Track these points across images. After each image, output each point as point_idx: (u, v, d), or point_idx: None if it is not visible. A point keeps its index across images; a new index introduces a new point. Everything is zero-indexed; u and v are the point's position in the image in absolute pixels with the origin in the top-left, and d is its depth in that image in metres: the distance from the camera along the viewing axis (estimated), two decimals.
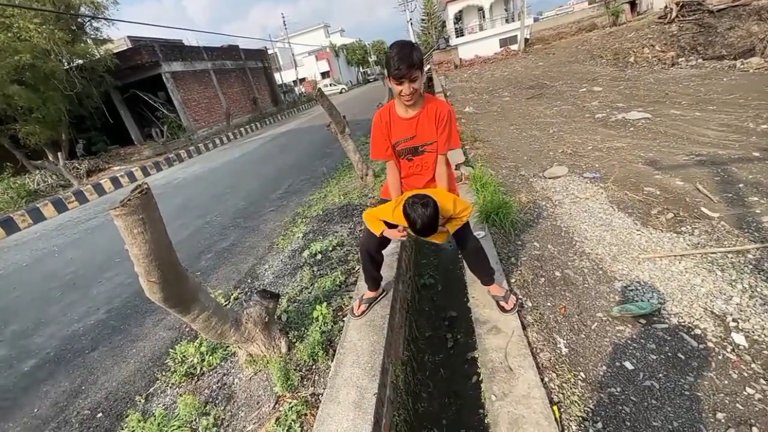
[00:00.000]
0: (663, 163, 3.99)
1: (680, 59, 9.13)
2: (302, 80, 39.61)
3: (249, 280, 3.36)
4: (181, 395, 2.13)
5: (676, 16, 11.64)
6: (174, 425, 1.92)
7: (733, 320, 1.97)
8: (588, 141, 5.15)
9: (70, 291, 4.02)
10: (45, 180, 10.35)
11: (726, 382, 1.67)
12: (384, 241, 2.13)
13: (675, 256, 2.54)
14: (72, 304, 3.72)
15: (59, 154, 10.74)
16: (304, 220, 4.38)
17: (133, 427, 1.98)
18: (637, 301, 2.19)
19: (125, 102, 15.56)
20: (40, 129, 10.38)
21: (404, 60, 1.68)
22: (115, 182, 9.83)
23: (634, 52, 11.07)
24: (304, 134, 11.88)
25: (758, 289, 2.12)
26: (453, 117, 1.96)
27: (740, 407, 1.56)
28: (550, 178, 4.11)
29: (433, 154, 1.98)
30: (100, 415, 2.22)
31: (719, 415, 1.54)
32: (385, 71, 1.82)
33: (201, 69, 17.44)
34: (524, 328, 2.06)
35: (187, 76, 16.27)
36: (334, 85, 35.91)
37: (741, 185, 3.22)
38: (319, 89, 4.67)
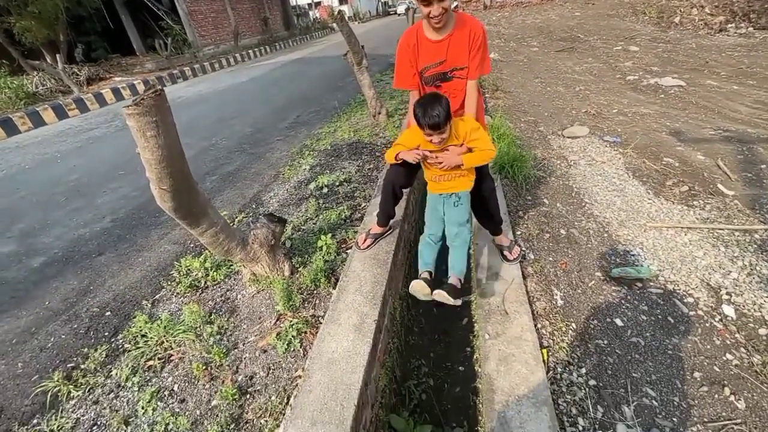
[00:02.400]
0: (688, 135, 3.84)
1: (729, 25, 8.41)
2: (317, 4, 36.66)
3: (254, 206, 3.37)
4: (186, 304, 2.22)
5: None
6: (179, 329, 2.03)
7: (727, 293, 2.01)
8: (614, 103, 4.91)
9: (75, 197, 4.04)
10: (44, 83, 9.93)
11: (708, 347, 1.75)
12: (409, 180, 2.09)
13: (682, 227, 2.54)
14: (77, 210, 3.76)
15: (57, 56, 10.17)
16: (311, 152, 4.29)
17: (140, 327, 2.09)
18: (636, 265, 2.23)
19: (127, 6, 14.48)
20: (36, 25, 9.74)
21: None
22: (117, 93, 9.46)
23: (680, 11, 10.17)
24: (316, 64, 11.26)
25: (757, 268, 2.15)
26: (486, 38, 1.81)
27: (717, 370, 1.65)
28: (568, 138, 3.98)
29: (463, 81, 1.86)
30: (108, 313, 2.33)
31: (696, 374, 1.63)
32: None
33: None
34: (524, 277, 2.11)
35: None
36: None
37: (763, 166, 3.13)
38: (340, 12, 4.32)
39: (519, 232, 2.54)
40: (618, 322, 1.89)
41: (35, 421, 1.69)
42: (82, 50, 12.20)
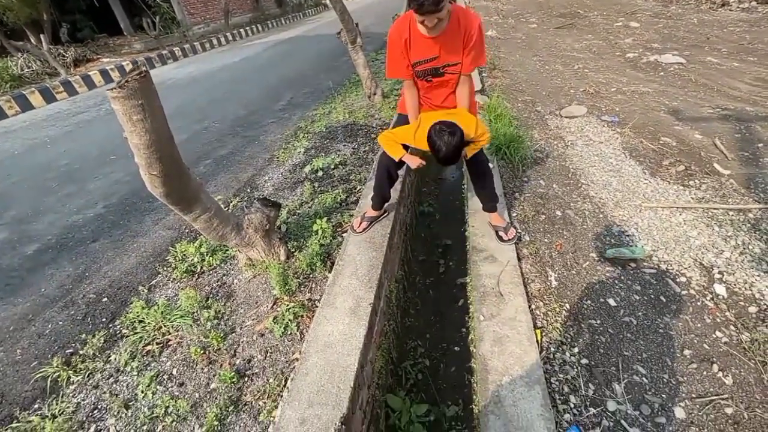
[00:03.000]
0: (686, 113, 3.80)
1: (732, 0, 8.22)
2: None
3: (248, 190, 3.34)
4: (182, 289, 2.23)
5: None
6: (177, 314, 2.04)
7: (719, 272, 2.03)
8: (613, 82, 4.83)
9: (67, 183, 3.98)
10: (29, 65, 9.63)
11: (699, 325, 1.78)
12: (402, 161, 2.08)
13: (677, 207, 2.54)
14: (69, 195, 3.71)
15: (42, 36, 9.84)
16: (306, 135, 4.23)
17: (137, 312, 2.09)
18: (631, 245, 2.24)
19: None
20: (18, 4, 9.37)
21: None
22: (105, 75, 9.22)
23: None
24: (309, 43, 10.96)
25: (750, 247, 2.17)
26: (482, 32, 1.76)
27: (706, 347, 1.68)
28: (566, 117, 3.92)
29: (456, 76, 1.82)
30: (105, 299, 2.34)
31: (686, 352, 1.66)
32: None
33: None
34: (519, 259, 2.12)
35: None
36: None
37: (760, 145, 3.12)
38: None
39: (515, 214, 2.53)
40: (611, 302, 1.91)
41: (36, 405, 1.71)
42: (67, 30, 11.79)
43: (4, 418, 1.67)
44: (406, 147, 1.90)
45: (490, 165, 2.90)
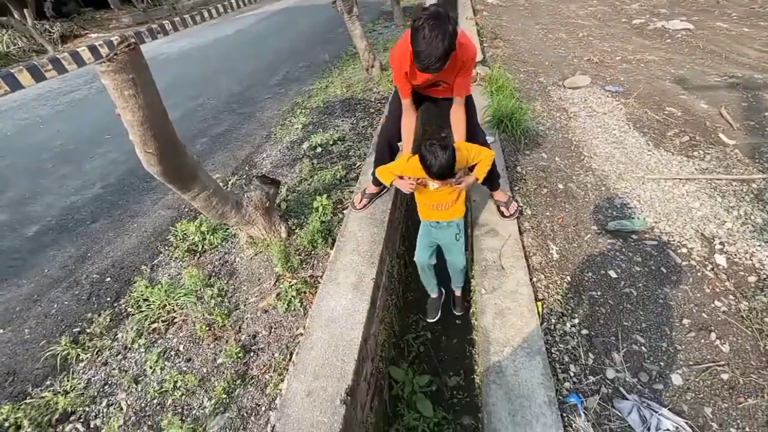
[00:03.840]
0: (692, 82, 3.71)
1: None
2: None
3: (247, 168, 3.30)
4: (185, 268, 2.24)
5: None
6: (180, 293, 2.06)
7: (720, 243, 2.04)
8: (618, 50, 4.69)
9: (62, 164, 3.93)
10: (14, 42, 9.32)
11: (698, 295, 1.79)
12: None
13: (680, 179, 2.51)
14: (66, 176, 3.67)
15: (25, 11, 9.47)
16: (303, 110, 4.14)
17: (141, 291, 2.11)
18: (632, 217, 2.23)
19: None
20: None
21: (432, 56, 1.36)
22: (94, 51, 8.92)
23: None
24: (304, 14, 10.55)
25: (752, 217, 2.16)
26: (474, 63, 1.74)
27: (705, 316, 1.70)
28: (570, 88, 3.83)
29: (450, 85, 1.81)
30: (108, 279, 2.35)
31: (685, 321, 1.68)
32: None
33: None
34: (521, 233, 2.12)
35: None
36: None
37: (767, 114, 3.06)
38: None
39: (516, 188, 2.51)
40: (612, 273, 1.92)
41: (48, 382, 1.75)
42: (51, 4, 11.34)
43: (18, 395, 1.71)
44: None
45: (490, 140, 2.86)
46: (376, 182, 2.22)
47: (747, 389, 1.44)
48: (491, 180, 2.14)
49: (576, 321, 1.72)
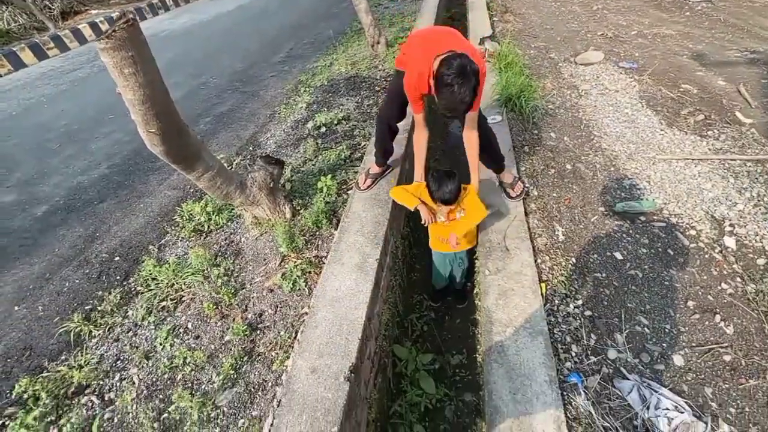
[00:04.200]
0: (711, 58, 3.56)
1: None
2: None
3: (251, 148, 3.28)
4: (191, 248, 2.26)
5: None
6: (188, 272, 2.09)
7: (730, 225, 2.00)
8: (634, 24, 4.49)
9: (68, 144, 3.94)
10: (15, 19, 9.20)
11: (705, 277, 1.78)
12: (402, 113, 2.01)
13: (692, 159, 2.45)
14: (72, 156, 3.68)
15: None
16: (307, 89, 4.06)
17: (150, 270, 2.14)
18: (641, 199, 2.19)
19: None
20: None
21: (459, 110, 1.50)
22: (95, 28, 8.76)
23: None
24: None
25: (765, 199, 2.12)
26: (484, 79, 1.69)
27: (711, 299, 1.69)
28: (581, 65, 3.70)
29: None
30: (117, 258, 2.39)
31: (689, 303, 1.68)
32: None
33: None
34: (526, 214, 2.10)
35: None
36: None
37: None
38: None
39: (523, 168, 2.47)
40: (617, 255, 1.90)
41: (63, 357, 1.81)
42: None
43: (35, 368, 1.78)
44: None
45: (497, 118, 2.80)
46: (380, 162, 2.20)
47: (749, 371, 1.44)
48: (496, 162, 2.11)
49: (579, 302, 1.72)
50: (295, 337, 1.65)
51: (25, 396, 1.61)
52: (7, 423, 1.57)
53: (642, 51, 3.83)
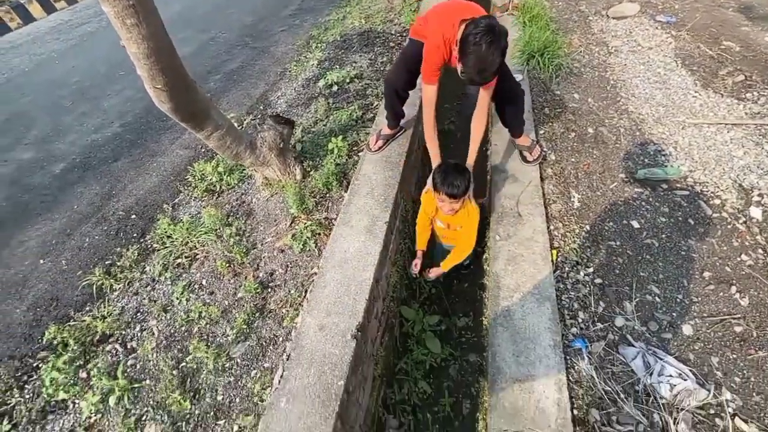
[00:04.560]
0: (759, 11, 3.23)
1: None
2: None
3: (261, 107, 3.21)
4: (204, 207, 2.29)
5: None
6: (201, 231, 2.13)
7: (759, 195, 1.90)
8: None
9: (81, 101, 3.93)
10: None
11: (725, 248, 1.72)
12: (413, 79, 1.91)
13: (725, 124, 2.30)
14: (85, 114, 3.69)
15: None
16: (319, 45, 3.89)
17: (164, 229, 2.19)
18: (665, 165, 2.09)
19: None
20: None
21: (488, 72, 1.40)
22: None
23: None
24: None
25: None
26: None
27: (728, 270, 1.64)
28: (614, 18, 3.42)
29: None
30: (133, 216, 2.45)
31: (705, 274, 1.64)
32: None
33: None
34: (542, 179, 2.03)
35: None
36: None
37: None
38: None
39: (542, 131, 2.36)
40: (634, 224, 1.85)
41: (87, 308, 1.91)
42: None
43: (62, 318, 1.89)
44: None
45: (519, 77, 2.64)
46: (391, 125, 2.13)
47: (760, 342, 1.42)
48: (512, 126, 2.02)
49: (590, 270, 1.69)
50: (304, 296, 1.69)
51: (55, 342, 1.73)
52: (40, 365, 1.69)
53: (683, 2, 3.50)
